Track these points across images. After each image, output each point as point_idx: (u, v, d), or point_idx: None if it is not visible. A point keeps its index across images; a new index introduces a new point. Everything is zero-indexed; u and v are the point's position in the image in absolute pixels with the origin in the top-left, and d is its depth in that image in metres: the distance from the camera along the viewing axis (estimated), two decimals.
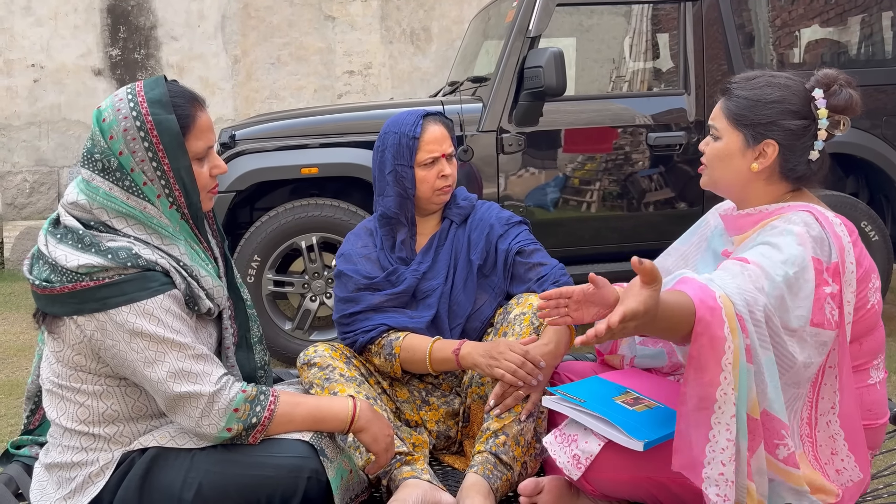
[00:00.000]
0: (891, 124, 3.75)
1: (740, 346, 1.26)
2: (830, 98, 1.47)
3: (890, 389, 3.06)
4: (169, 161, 1.39)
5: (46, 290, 1.35)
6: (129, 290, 1.34)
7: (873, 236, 3.66)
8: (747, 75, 1.55)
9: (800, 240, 1.36)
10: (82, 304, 1.34)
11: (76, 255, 1.34)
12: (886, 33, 3.91)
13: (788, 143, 1.48)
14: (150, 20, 6.76)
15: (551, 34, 4.05)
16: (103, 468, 1.42)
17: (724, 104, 1.54)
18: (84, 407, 1.42)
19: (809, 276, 1.34)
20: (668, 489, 1.43)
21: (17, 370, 3.60)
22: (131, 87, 1.43)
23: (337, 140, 3.52)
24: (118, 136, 1.38)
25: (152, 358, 1.35)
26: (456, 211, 1.95)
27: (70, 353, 1.40)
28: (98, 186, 1.39)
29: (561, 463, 1.45)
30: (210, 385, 1.37)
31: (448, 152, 1.90)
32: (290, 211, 3.43)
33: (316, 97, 6.94)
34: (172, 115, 1.39)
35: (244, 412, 1.39)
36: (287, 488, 1.40)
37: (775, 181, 1.51)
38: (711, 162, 1.55)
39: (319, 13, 6.92)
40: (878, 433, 1.54)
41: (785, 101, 1.48)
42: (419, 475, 1.64)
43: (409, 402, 1.89)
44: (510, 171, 3.57)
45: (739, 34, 3.69)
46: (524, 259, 1.88)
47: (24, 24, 6.61)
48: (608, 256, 3.69)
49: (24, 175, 6.65)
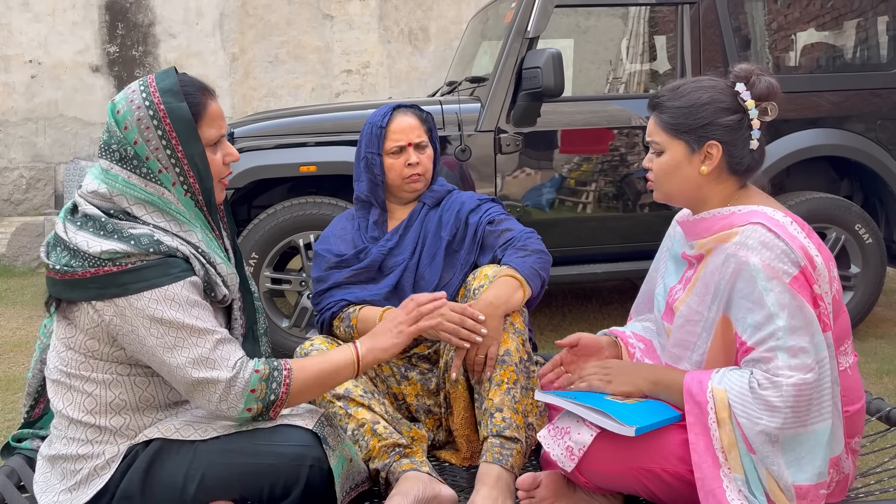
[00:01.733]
0: (885, 128, 3.77)
1: (737, 436, 1.39)
2: (752, 89, 1.53)
3: (885, 392, 3.09)
4: (182, 148, 1.42)
5: (67, 275, 1.36)
6: (151, 275, 1.36)
7: (867, 239, 3.69)
8: (672, 85, 1.59)
9: (772, 282, 1.39)
10: (104, 289, 1.36)
11: (98, 241, 1.36)
12: (881, 37, 3.94)
13: (730, 139, 1.52)
14: (148, 17, 6.76)
15: (549, 35, 4.07)
16: (109, 461, 1.43)
17: (658, 118, 1.57)
18: (91, 397, 1.43)
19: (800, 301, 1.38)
20: (661, 479, 1.45)
21: (14, 366, 3.61)
22: (144, 79, 1.47)
23: (335, 138, 3.53)
24: (132, 126, 1.41)
25: (171, 343, 1.37)
26: (429, 195, 2.06)
27: (83, 339, 1.41)
28: (117, 174, 1.42)
29: (555, 455, 1.47)
30: (227, 371, 1.39)
31: (416, 142, 2.01)
32: (287, 209, 3.44)
33: (314, 96, 6.95)
34: (184, 102, 1.43)
35: (261, 391, 1.41)
36: (289, 476, 1.42)
37: (724, 179, 1.56)
38: (660, 177, 1.59)
39: (318, 12, 6.93)
40: (858, 419, 1.56)
41: (715, 100, 1.53)
42: (419, 467, 1.66)
43: (391, 377, 1.94)
44: (508, 171, 3.59)
45: (736, 37, 3.71)
46: (493, 227, 1.96)
47: (22, 20, 6.61)
48: (605, 257, 3.71)
49: (20, 171, 6.64)
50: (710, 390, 1.42)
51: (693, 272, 1.58)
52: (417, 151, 2.01)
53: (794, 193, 3.74)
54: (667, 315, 1.63)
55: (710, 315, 1.50)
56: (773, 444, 1.37)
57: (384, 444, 1.69)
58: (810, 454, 1.38)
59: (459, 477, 1.82)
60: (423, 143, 2.02)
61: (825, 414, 1.39)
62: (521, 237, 1.92)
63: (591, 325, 4.11)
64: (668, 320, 1.63)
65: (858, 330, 3.84)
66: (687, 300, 1.56)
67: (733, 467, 1.39)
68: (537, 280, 1.85)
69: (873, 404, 1.87)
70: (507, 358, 1.75)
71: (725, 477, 1.39)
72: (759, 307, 1.40)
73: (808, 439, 1.38)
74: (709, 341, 1.51)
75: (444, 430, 1.94)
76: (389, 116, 2.01)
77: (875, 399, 1.88)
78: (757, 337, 1.40)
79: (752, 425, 1.38)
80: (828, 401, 1.39)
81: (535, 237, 1.94)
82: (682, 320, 1.56)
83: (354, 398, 1.75)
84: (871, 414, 1.86)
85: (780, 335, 1.38)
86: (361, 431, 1.71)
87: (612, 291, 4.81)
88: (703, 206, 1.58)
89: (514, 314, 1.81)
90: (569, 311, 4.38)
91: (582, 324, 4.13)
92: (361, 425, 1.72)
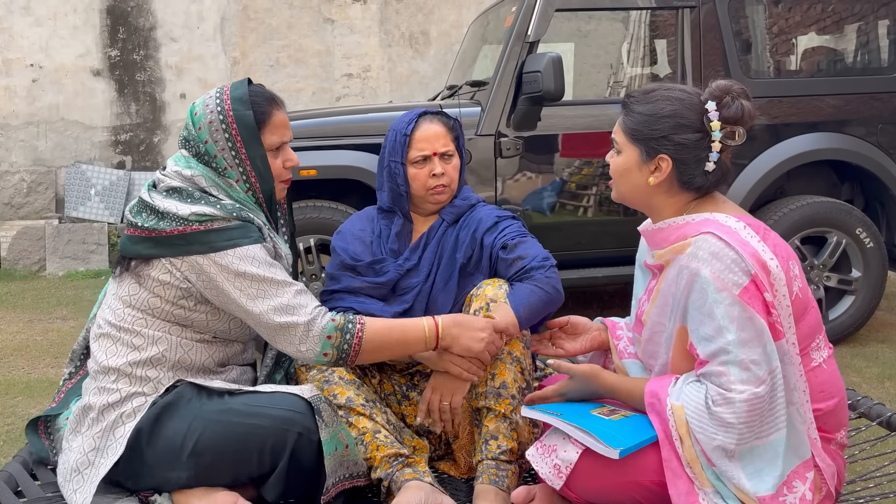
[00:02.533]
0: (886, 132, 3.77)
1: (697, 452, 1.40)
2: (722, 110, 1.47)
3: (886, 397, 3.08)
4: (245, 150, 1.61)
5: (155, 233, 1.52)
6: (235, 235, 1.54)
7: (868, 243, 3.68)
8: (645, 88, 1.57)
9: (721, 294, 1.38)
10: (189, 246, 1.52)
11: (186, 205, 1.54)
12: (882, 41, 3.94)
13: (681, 157, 1.49)
14: (149, 21, 6.77)
15: (550, 39, 4.07)
16: (135, 410, 1.52)
17: (622, 118, 1.57)
18: (136, 350, 1.56)
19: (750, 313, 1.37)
20: (650, 490, 1.45)
21: (14, 369, 3.60)
22: (221, 87, 1.66)
23: (335, 143, 3.53)
24: (205, 127, 1.61)
25: (254, 294, 1.53)
26: (450, 210, 1.94)
27: (146, 296, 1.55)
28: (197, 163, 1.61)
29: (543, 473, 1.48)
30: (305, 315, 1.54)
31: (441, 151, 1.89)
32: None
33: (314, 99, 6.95)
34: (250, 111, 1.61)
35: (336, 339, 1.55)
36: (277, 441, 1.47)
37: (675, 192, 1.54)
38: (615, 176, 1.60)
39: (319, 16, 6.94)
40: (839, 412, 1.54)
41: (677, 115, 1.49)
42: (421, 477, 1.65)
43: (392, 395, 1.91)
44: (508, 175, 3.58)
45: (737, 41, 3.71)
46: (506, 255, 1.84)
47: (24, 24, 6.62)
48: (605, 261, 3.71)
49: (21, 175, 6.65)
50: (670, 407, 1.43)
51: (655, 283, 1.59)
52: (443, 161, 1.89)
53: (794, 197, 3.74)
54: (637, 326, 1.65)
55: (670, 326, 1.51)
56: (731, 459, 1.38)
57: (386, 455, 1.68)
58: (770, 465, 1.39)
59: (458, 490, 1.81)
60: (450, 152, 1.90)
61: (780, 424, 1.39)
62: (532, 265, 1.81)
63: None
64: (637, 331, 1.64)
65: (860, 334, 3.83)
66: (650, 312, 1.56)
67: (702, 481, 1.40)
68: (533, 320, 1.78)
69: (874, 409, 1.87)
70: (504, 391, 1.72)
71: (700, 491, 1.39)
72: (709, 319, 1.39)
73: (766, 451, 1.39)
74: (670, 351, 1.52)
75: (444, 443, 1.93)
76: (415, 124, 1.90)
77: (876, 404, 1.88)
78: (709, 350, 1.40)
79: (709, 441, 1.38)
80: (781, 411, 1.39)
81: (546, 261, 1.82)
82: (649, 332, 1.57)
83: (355, 408, 1.72)
84: (872, 419, 1.86)
85: (730, 349, 1.37)
86: (362, 440, 1.70)
87: (612, 296, 4.80)
88: (657, 214, 1.58)
89: (513, 341, 1.75)
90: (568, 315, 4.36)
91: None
92: (363, 433, 1.70)
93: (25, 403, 3.13)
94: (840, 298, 3.75)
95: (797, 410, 1.43)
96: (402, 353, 1.64)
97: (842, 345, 3.69)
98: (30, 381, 3.42)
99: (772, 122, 3.70)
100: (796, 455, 1.42)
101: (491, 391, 1.72)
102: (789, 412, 1.42)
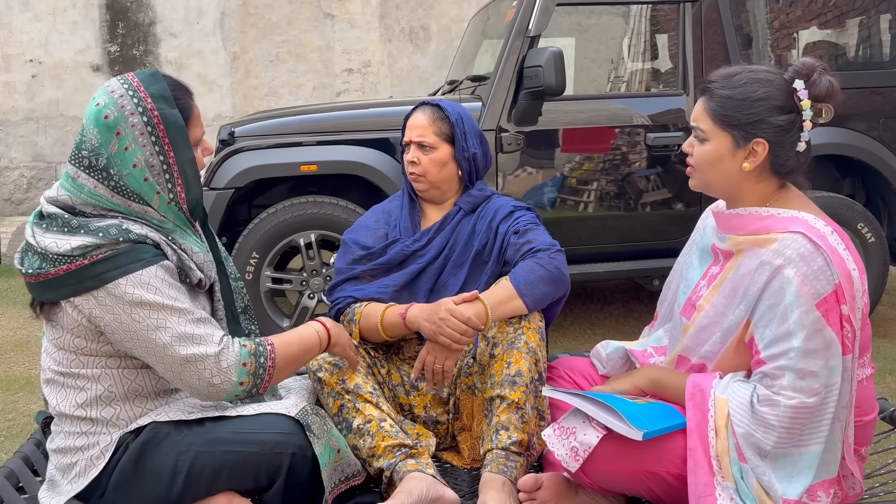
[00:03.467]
0: (888, 126, 3.76)
1: (730, 445, 1.38)
2: (811, 88, 1.45)
3: (889, 392, 3.08)
4: (175, 155, 1.44)
5: (41, 277, 1.38)
6: (123, 262, 1.37)
7: (870, 238, 3.68)
8: (727, 72, 1.51)
9: (800, 299, 1.36)
10: (79, 284, 1.37)
11: (67, 238, 1.37)
12: (884, 36, 3.93)
13: (778, 140, 1.46)
14: (148, 16, 6.75)
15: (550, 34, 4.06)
16: (103, 451, 1.45)
17: (706, 104, 1.50)
18: (83, 391, 1.45)
19: (822, 324, 1.35)
20: (665, 482, 1.44)
21: (15, 365, 3.60)
22: (125, 81, 1.45)
23: (336, 138, 3.52)
24: (125, 132, 1.40)
25: (154, 325, 1.38)
26: (466, 199, 2.00)
27: (70, 338, 1.43)
28: (83, 184, 1.41)
29: (559, 455, 1.46)
30: (214, 345, 1.41)
31: (416, 140, 1.97)
32: (288, 208, 3.44)
33: (314, 95, 6.94)
34: (176, 109, 1.44)
35: (252, 364, 1.44)
36: (271, 465, 1.43)
37: (765, 178, 1.50)
38: (701, 165, 1.53)
39: (319, 11, 6.92)
40: (869, 429, 1.55)
41: (770, 97, 1.45)
42: (424, 469, 1.65)
43: (400, 386, 1.92)
44: (509, 171, 3.58)
45: (738, 35, 3.70)
46: (517, 239, 1.88)
47: (23, 20, 6.60)
48: (606, 256, 3.70)
49: (21, 171, 6.64)
50: (713, 398, 1.42)
51: (720, 270, 1.54)
52: (420, 151, 1.96)
53: None
54: (686, 310, 1.60)
55: (733, 318, 1.48)
56: (764, 458, 1.38)
57: (390, 444, 1.69)
58: (801, 474, 1.38)
59: (461, 479, 1.81)
60: (426, 143, 1.95)
61: (821, 437, 1.38)
62: (537, 247, 1.84)
63: (592, 324, 4.10)
64: (686, 316, 1.59)
65: None
66: (713, 300, 1.52)
67: (726, 475, 1.39)
68: (537, 296, 1.78)
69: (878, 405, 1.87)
70: (519, 379, 1.73)
71: (719, 485, 1.39)
72: (780, 321, 1.37)
73: (799, 459, 1.38)
74: (726, 343, 1.49)
75: (449, 435, 1.93)
76: (412, 111, 2.01)
77: (879, 399, 1.87)
78: (770, 351, 1.39)
79: (747, 437, 1.38)
80: (826, 425, 1.38)
81: (552, 251, 1.84)
82: (707, 319, 1.53)
83: (363, 394, 1.74)
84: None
85: (792, 355, 1.36)
86: (367, 427, 1.71)
87: (613, 291, 4.80)
88: (740, 201, 1.53)
89: (530, 332, 1.77)
90: (570, 310, 4.37)
91: (583, 323, 4.12)
92: (368, 421, 1.71)
93: (27, 399, 3.13)
94: None
95: (840, 427, 1.41)
96: (304, 363, 1.58)
97: None
98: (31, 377, 3.42)
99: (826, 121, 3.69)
100: (826, 471, 1.41)
101: (506, 379, 1.73)
102: (833, 428, 1.40)
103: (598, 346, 1.86)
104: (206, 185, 3.47)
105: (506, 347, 1.76)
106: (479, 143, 2.00)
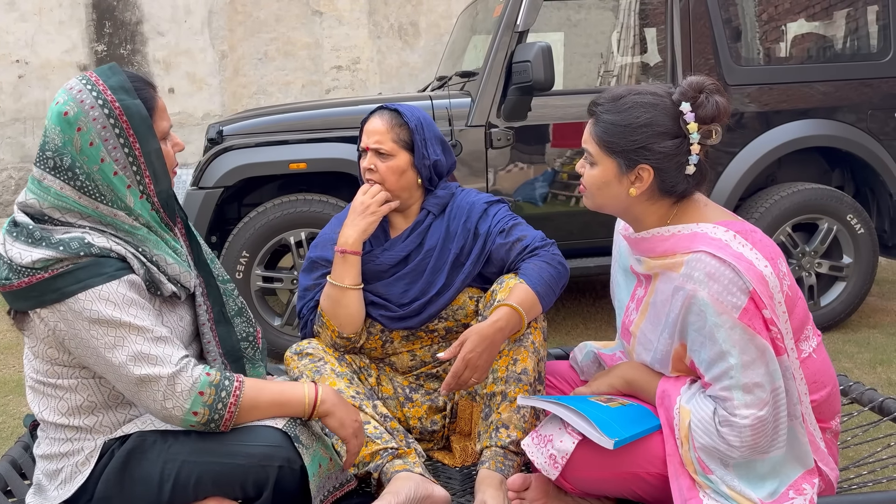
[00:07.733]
0: (876, 118, 3.77)
1: (692, 458, 1.40)
2: (698, 110, 1.41)
3: (878, 382, 3.09)
4: (140, 146, 1.40)
5: (7, 288, 1.36)
6: (84, 276, 1.34)
7: (859, 230, 3.69)
8: (613, 94, 1.49)
9: (721, 317, 1.35)
10: (42, 297, 1.34)
11: (29, 250, 1.34)
12: (872, 27, 3.94)
13: (663, 166, 1.44)
14: (135, 15, 6.71)
15: (539, 29, 4.06)
16: (88, 457, 1.43)
17: (592, 128, 1.50)
18: (63, 400, 1.43)
19: (751, 334, 1.35)
20: (645, 482, 1.45)
21: (4, 368, 3.58)
22: (84, 78, 1.41)
23: (325, 135, 3.51)
24: (87, 127, 1.37)
25: (112, 343, 1.34)
26: (433, 201, 1.91)
27: (43, 348, 1.41)
28: (49, 186, 1.38)
29: (539, 464, 1.47)
30: (170, 366, 1.35)
31: (373, 147, 1.84)
32: (278, 207, 3.42)
33: (304, 92, 6.92)
34: (137, 99, 1.40)
35: (209, 396, 1.37)
36: (258, 477, 1.40)
37: (657, 199, 1.49)
38: (591, 189, 1.53)
39: (307, 8, 6.89)
40: (832, 401, 1.54)
41: (654, 122, 1.42)
42: (411, 468, 1.65)
43: (392, 399, 1.90)
44: (499, 166, 3.57)
45: (726, 28, 3.70)
46: (504, 239, 1.84)
47: (9, 20, 6.56)
48: (596, 251, 3.70)
49: (9, 172, 6.60)
50: (678, 406, 1.43)
51: (644, 293, 1.56)
52: (378, 158, 1.84)
53: (785, 184, 3.74)
54: (624, 335, 1.63)
55: (661, 345, 1.49)
56: (727, 468, 1.39)
57: (372, 451, 1.68)
58: (770, 475, 1.40)
59: (451, 478, 1.81)
60: (383, 150, 1.84)
61: (780, 443, 1.39)
62: (533, 244, 1.83)
63: (584, 318, 4.11)
64: (626, 340, 1.63)
65: (851, 320, 3.85)
66: (641, 325, 1.55)
67: (699, 483, 1.40)
68: (549, 295, 1.78)
69: (866, 394, 1.88)
70: (524, 377, 1.72)
71: (700, 489, 1.40)
72: (711, 342, 1.37)
73: (762, 465, 1.39)
74: (667, 366, 1.51)
75: (444, 438, 1.93)
76: (368, 116, 1.89)
77: (868, 389, 1.88)
78: (712, 373, 1.39)
79: (710, 451, 1.39)
80: (783, 430, 1.39)
81: (550, 246, 1.85)
82: (641, 346, 1.55)
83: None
84: (864, 404, 1.87)
85: (733, 373, 1.36)
86: None
87: (604, 285, 4.80)
88: (639, 223, 1.53)
89: (536, 331, 1.77)
90: (562, 305, 4.38)
91: (575, 318, 4.13)
92: None
93: (17, 402, 3.11)
94: (831, 285, 3.77)
95: (799, 423, 1.42)
96: (277, 415, 1.45)
97: (833, 331, 3.70)
98: (20, 379, 3.39)
99: (762, 110, 3.70)
100: (801, 464, 1.42)
101: (512, 376, 1.72)
102: (792, 426, 1.41)
103: (575, 351, 1.87)
104: (195, 185, 3.45)
105: (512, 344, 1.75)
106: (440, 149, 1.91)
